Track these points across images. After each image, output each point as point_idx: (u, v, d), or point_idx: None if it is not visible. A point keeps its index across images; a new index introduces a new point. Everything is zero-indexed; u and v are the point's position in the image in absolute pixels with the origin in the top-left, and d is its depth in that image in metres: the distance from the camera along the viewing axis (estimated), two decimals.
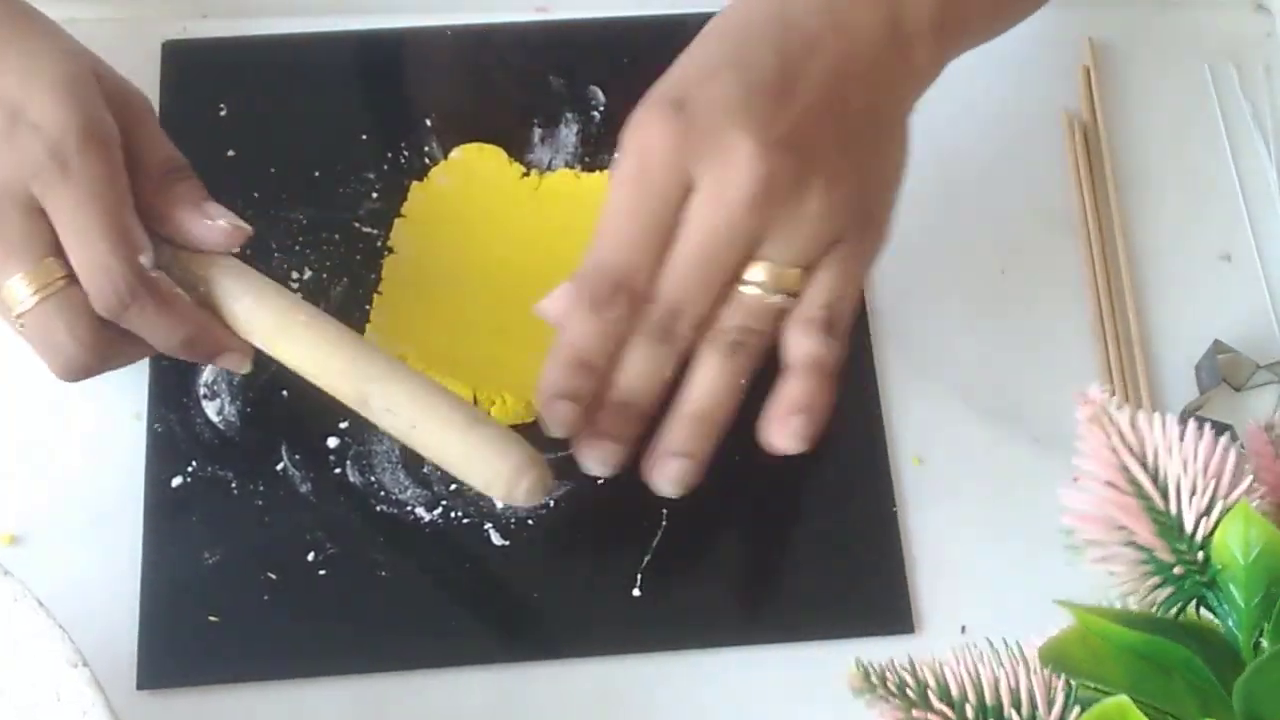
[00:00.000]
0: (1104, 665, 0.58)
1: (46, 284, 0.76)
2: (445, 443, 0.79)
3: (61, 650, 0.72)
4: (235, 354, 0.82)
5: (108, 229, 0.77)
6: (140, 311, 0.78)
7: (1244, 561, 0.57)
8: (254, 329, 0.81)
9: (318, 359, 0.81)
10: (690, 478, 0.79)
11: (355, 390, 0.80)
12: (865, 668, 0.58)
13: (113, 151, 0.78)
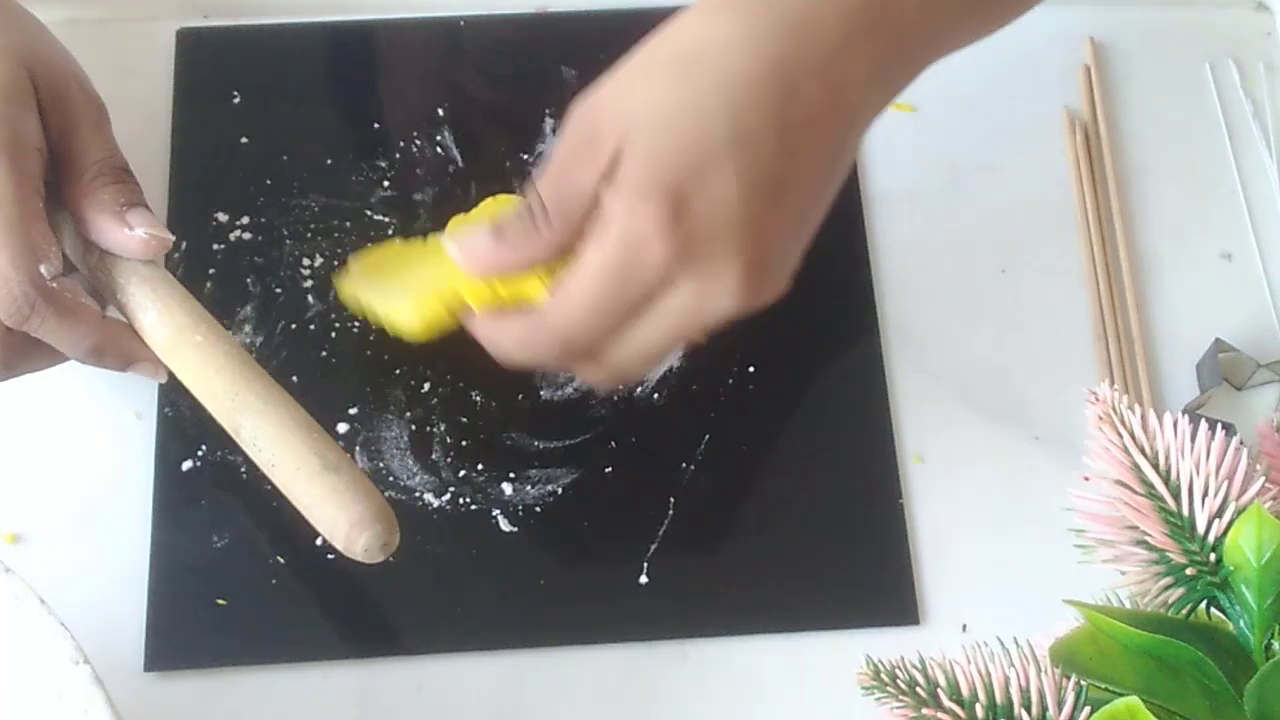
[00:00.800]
0: (1114, 665, 0.59)
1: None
2: (295, 484, 0.77)
3: (63, 648, 0.72)
4: (147, 364, 0.80)
5: (7, 240, 0.75)
6: (42, 322, 0.77)
7: (1256, 563, 0.58)
8: (154, 342, 0.79)
9: (201, 381, 0.79)
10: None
11: (229, 418, 0.78)
12: (875, 665, 0.59)
13: (23, 159, 0.77)
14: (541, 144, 0.98)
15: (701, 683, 0.86)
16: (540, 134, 0.99)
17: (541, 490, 0.89)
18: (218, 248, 0.94)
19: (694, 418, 0.91)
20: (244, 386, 0.78)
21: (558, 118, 0.98)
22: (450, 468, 0.89)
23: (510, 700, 0.85)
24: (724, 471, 0.90)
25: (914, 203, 0.98)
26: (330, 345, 0.92)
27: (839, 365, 0.94)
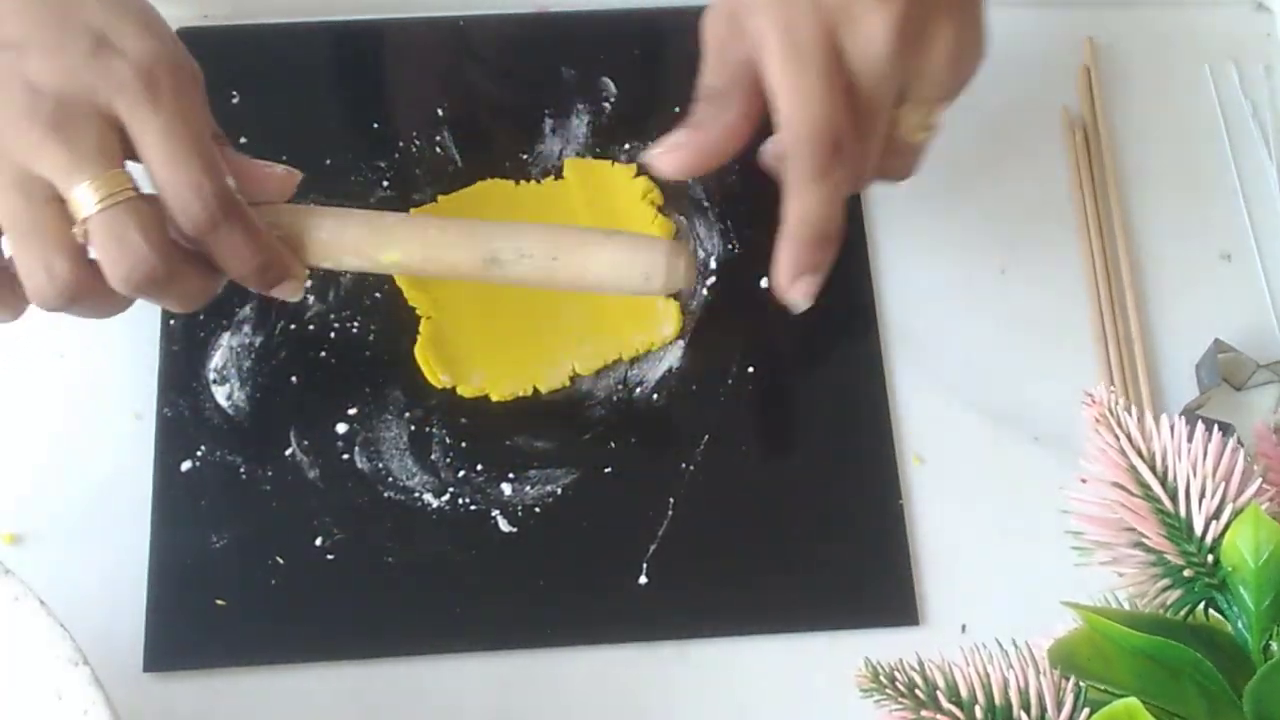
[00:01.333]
0: (1112, 667, 0.59)
1: (115, 191, 0.74)
2: (590, 260, 0.80)
3: (62, 649, 0.72)
4: (295, 281, 0.82)
5: (200, 150, 0.77)
6: (229, 231, 0.78)
7: (1254, 564, 0.58)
8: (346, 248, 0.81)
9: (429, 243, 0.81)
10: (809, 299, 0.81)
11: (481, 252, 0.80)
12: (875, 667, 0.59)
13: (198, 85, 0.80)
14: (541, 144, 0.98)
15: (701, 683, 0.86)
16: (540, 134, 0.99)
17: (541, 490, 0.89)
18: None
19: (694, 418, 0.91)
20: (473, 225, 0.82)
21: (557, 117, 0.99)
22: (449, 468, 0.89)
23: (510, 701, 0.85)
24: (724, 472, 0.90)
25: (914, 203, 0.97)
26: (330, 345, 0.92)
27: (839, 365, 0.94)
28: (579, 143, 0.98)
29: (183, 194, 0.76)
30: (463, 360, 0.91)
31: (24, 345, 0.92)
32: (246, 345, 0.92)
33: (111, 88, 0.75)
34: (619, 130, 0.98)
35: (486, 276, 0.81)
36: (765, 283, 0.94)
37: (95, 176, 0.74)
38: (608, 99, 0.99)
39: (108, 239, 0.75)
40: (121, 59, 0.76)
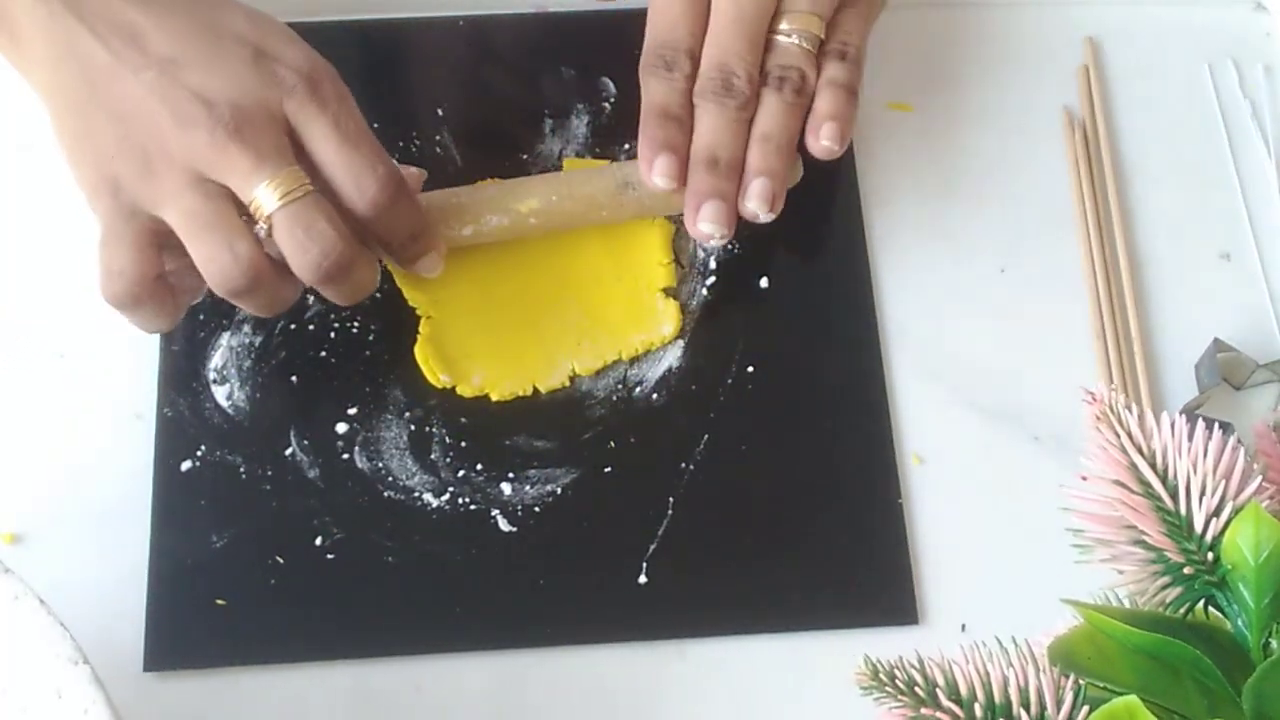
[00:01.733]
0: (1112, 665, 0.59)
1: (294, 187, 0.80)
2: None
3: (62, 648, 0.71)
4: (438, 254, 0.89)
5: (367, 134, 0.84)
6: (402, 205, 0.84)
7: (1254, 562, 0.58)
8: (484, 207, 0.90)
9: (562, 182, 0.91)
10: (772, 195, 0.88)
11: (614, 180, 0.91)
12: (874, 665, 0.59)
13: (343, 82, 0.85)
14: (541, 144, 0.98)
15: (700, 683, 0.86)
16: (540, 134, 0.99)
17: (540, 490, 0.89)
18: None
19: (693, 418, 0.91)
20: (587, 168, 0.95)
21: (557, 118, 0.99)
22: (449, 468, 0.89)
23: (509, 700, 0.85)
24: (723, 471, 0.90)
25: (913, 203, 0.98)
26: (330, 345, 0.92)
27: (838, 365, 0.94)
28: (579, 143, 0.98)
29: (361, 175, 0.82)
30: (462, 360, 0.91)
31: (25, 345, 0.92)
32: (246, 345, 0.92)
33: (281, 92, 0.81)
34: (619, 130, 0.98)
35: (620, 201, 0.91)
36: (766, 283, 0.94)
37: (274, 175, 0.79)
38: (608, 99, 0.99)
39: (295, 229, 0.80)
40: (283, 65, 0.82)
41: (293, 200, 0.79)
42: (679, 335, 0.93)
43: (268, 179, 0.79)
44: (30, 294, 0.94)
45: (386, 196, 0.82)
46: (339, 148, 0.82)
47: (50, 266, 0.94)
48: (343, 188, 0.82)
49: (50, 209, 0.95)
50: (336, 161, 0.82)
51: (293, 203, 0.79)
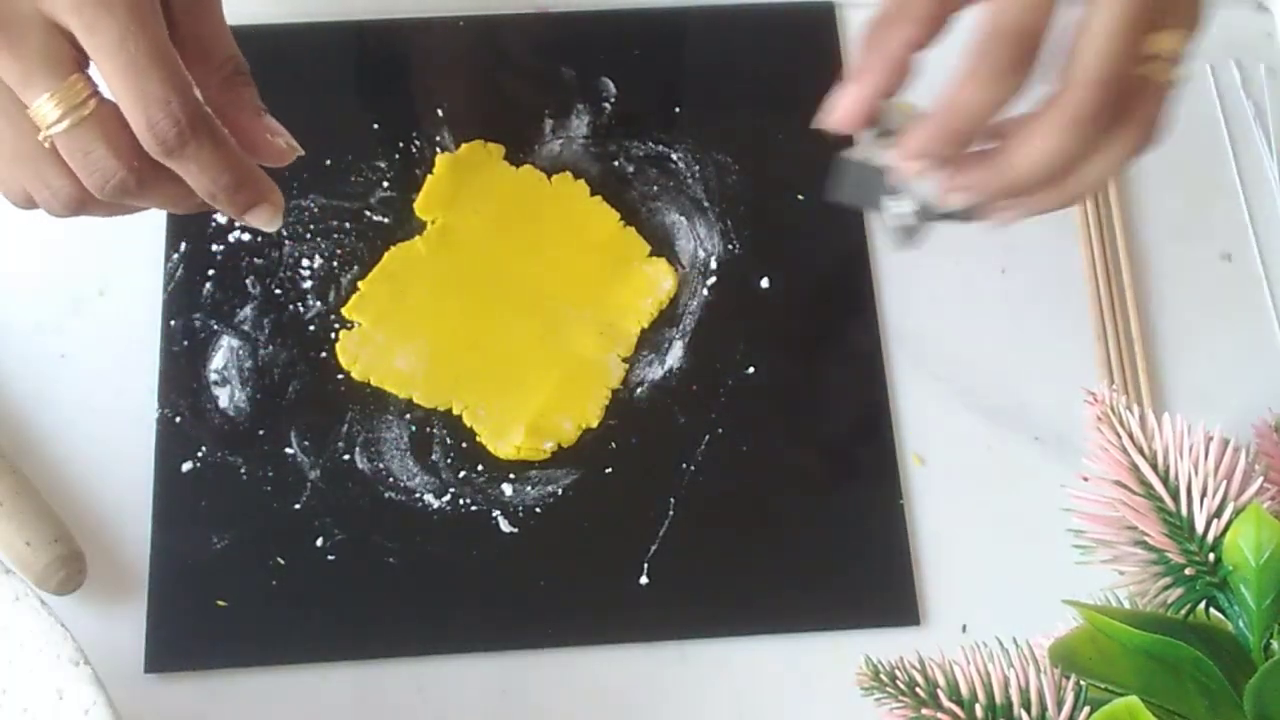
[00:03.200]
0: (1113, 665, 0.59)
1: (76, 104, 0.70)
2: None
3: (63, 648, 0.72)
4: (269, 207, 0.77)
5: (163, 60, 0.70)
6: (199, 149, 0.72)
7: (1255, 563, 0.58)
8: None
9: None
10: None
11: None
12: (875, 666, 0.59)
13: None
14: (541, 144, 0.98)
15: (701, 683, 0.86)
16: (540, 134, 0.99)
17: (541, 491, 0.89)
18: (218, 248, 0.94)
19: (694, 418, 0.91)
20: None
21: (557, 118, 0.99)
22: (450, 469, 0.89)
23: (510, 701, 0.85)
24: (724, 472, 0.90)
25: None
26: (330, 346, 0.92)
27: (839, 365, 0.94)
28: (579, 143, 0.98)
29: (144, 109, 0.70)
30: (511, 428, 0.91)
31: (26, 346, 0.92)
32: (247, 346, 0.91)
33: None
34: (619, 130, 0.98)
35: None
36: (766, 283, 0.94)
37: (52, 89, 0.69)
38: (608, 99, 0.99)
39: (73, 155, 0.71)
40: None
41: (72, 121, 0.70)
42: (679, 331, 0.93)
43: (45, 93, 0.69)
44: (32, 295, 0.94)
45: (176, 139, 0.71)
46: (123, 72, 0.70)
47: (51, 267, 0.94)
48: (130, 121, 0.71)
49: None
50: (120, 90, 0.70)
51: (72, 126, 0.70)
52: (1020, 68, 0.67)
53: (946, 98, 0.69)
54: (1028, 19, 0.67)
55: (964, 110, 0.69)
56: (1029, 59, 0.67)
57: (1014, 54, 0.67)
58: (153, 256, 0.94)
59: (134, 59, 0.69)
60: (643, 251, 0.95)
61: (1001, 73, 0.67)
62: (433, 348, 0.91)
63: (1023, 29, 0.67)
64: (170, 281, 0.93)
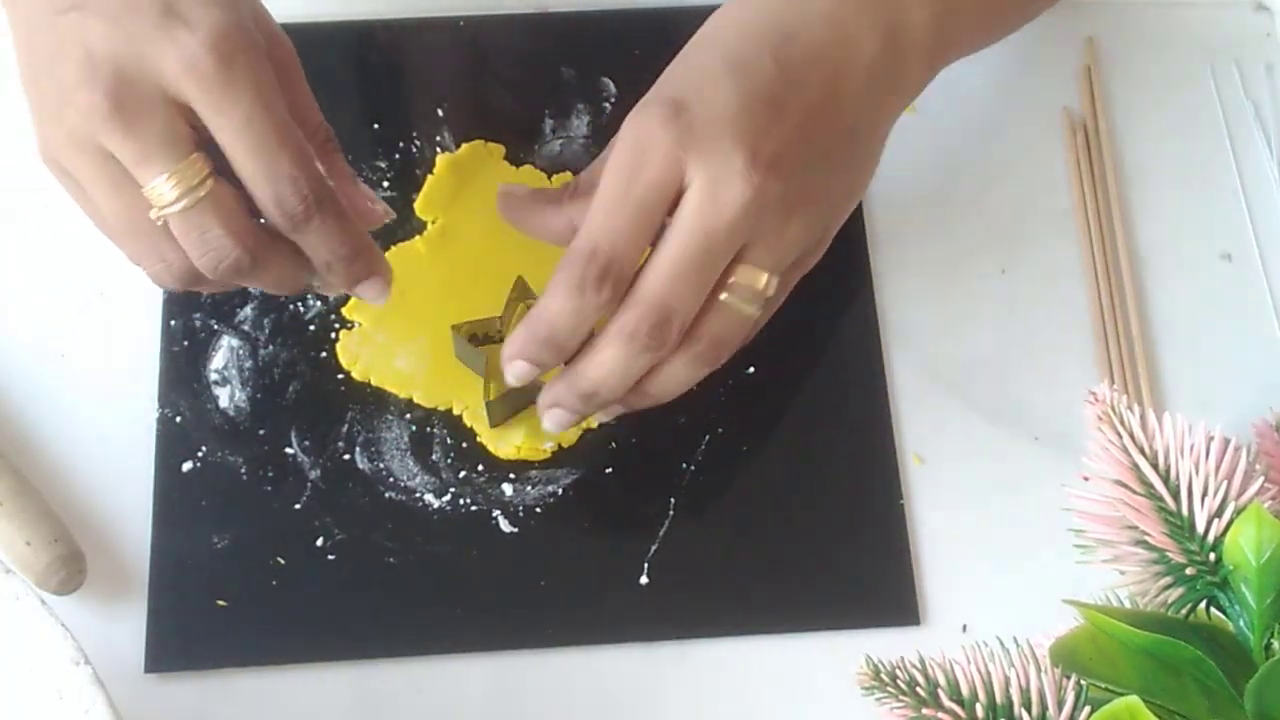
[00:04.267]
0: (1114, 665, 0.59)
1: (193, 185, 0.71)
2: None
3: (63, 648, 0.72)
4: (380, 280, 0.81)
5: (288, 136, 0.73)
6: (322, 221, 0.75)
7: (1256, 563, 0.58)
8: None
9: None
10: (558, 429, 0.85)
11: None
12: (875, 665, 0.59)
13: (269, 63, 0.74)
14: (541, 144, 0.98)
15: (701, 683, 0.86)
16: (540, 134, 0.99)
17: (542, 491, 0.89)
18: None
19: (694, 418, 0.91)
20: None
21: (557, 118, 0.99)
22: (450, 468, 0.89)
23: (510, 701, 0.85)
24: (724, 472, 0.90)
25: (914, 203, 0.98)
26: (330, 345, 0.92)
27: (839, 365, 0.94)
28: (579, 143, 0.98)
29: (274, 188, 0.73)
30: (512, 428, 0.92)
31: (26, 346, 0.92)
32: (247, 346, 0.92)
33: (179, 66, 0.71)
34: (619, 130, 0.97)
35: None
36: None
37: (168, 170, 0.71)
38: (608, 99, 0.99)
39: (188, 234, 0.73)
40: (191, 30, 0.71)
41: (187, 205, 0.72)
42: None
43: (163, 174, 0.71)
44: (32, 294, 0.94)
45: (303, 215, 0.74)
46: (252, 152, 0.73)
47: (51, 266, 0.94)
48: (256, 198, 0.74)
49: (51, 208, 0.95)
50: (248, 168, 0.73)
51: (188, 207, 0.72)
52: (597, 285, 0.76)
53: (534, 309, 0.79)
54: (603, 243, 0.75)
55: (545, 320, 0.78)
56: (605, 277, 0.76)
57: (590, 272, 0.76)
58: None
59: (262, 137, 0.72)
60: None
61: (577, 288, 0.76)
62: (433, 347, 0.91)
63: (595, 250, 0.75)
64: None
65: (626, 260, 0.76)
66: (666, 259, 0.76)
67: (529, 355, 0.80)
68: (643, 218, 0.76)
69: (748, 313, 0.80)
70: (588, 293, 0.76)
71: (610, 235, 0.76)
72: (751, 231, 0.76)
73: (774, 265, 0.79)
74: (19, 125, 0.95)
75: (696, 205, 0.75)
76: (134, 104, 0.70)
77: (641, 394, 0.82)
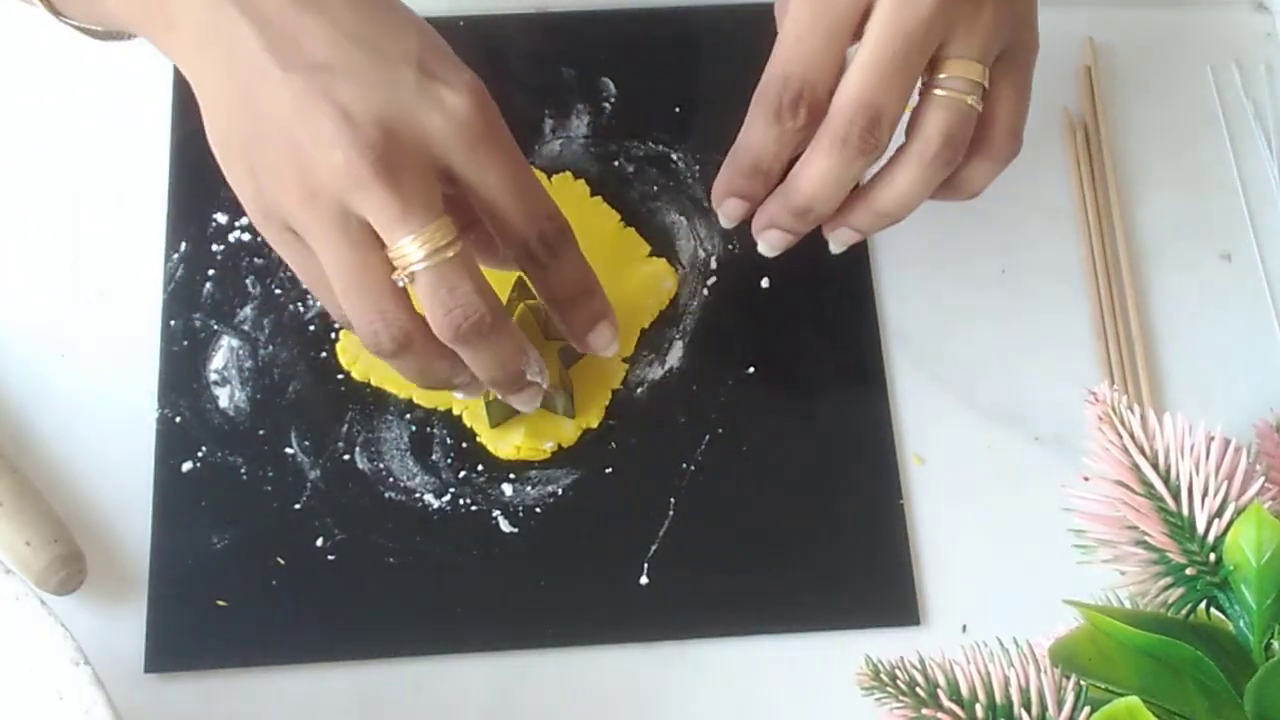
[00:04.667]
0: (1114, 665, 0.59)
1: (441, 245, 0.71)
2: None
3: (63, 649, 0.72)
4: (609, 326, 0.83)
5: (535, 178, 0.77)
6: (570, 249, 0.79)
7: (1256, 563, 0.58)
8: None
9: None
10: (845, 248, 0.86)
11: None
12: (875, 665, 0.59)
13: None
14: (541, 144, 0.98)
15: (701, 683, 0.86)
16: (540, 134, 0.99)
17: (541, 491, 0.89)
18: (218, 248, 0.94)
19: (694, 419, 0.91)
20: None
21: (557, 117, 0.99)
22: (450, 469, 0.89)
23: (510, 701, 0.85)
24: (724, 472, 0.90)
25: None
26: (329, 346, 0.92)
27: (839, 366, 0.94)
28: (579, 143, 0.98)
29: (537, 226, 0.76)
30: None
31: (26, 346, 0.92)
32: (247, 347, 0.92)
33: (450, 129, 0.72)
34: (619, 130, 0.98)
35: None
36: (766, 283, 0.94)
37: (422, 228, 0.71)
38: (608, 99, 0.99)
39: (436, 291, 0.73)
40: (454, 92, 0.73)
41: (443, 259, 0.72)
42: (680, 331, 0.93)
43: (414, 232, 0.71)
44: (31, 294, 0.94)
45: (558, 236, 0.77)
46: (516, 199, 0.75)
47: (52, 266, 0.95)
48: (517, 242, 0.76)
49: (52, 207, 0.95)
50: (511, 214, 0.75)
51: (441, 263, 0.72)
52: (794, 109, 0.78)
53: (736, 145, 0.81)
54: (795, 67, 0.77)
55: (747, 151, 0.80)
56: (800, 101, 0.78)
57: (786, 97, 0.78)
58: (153, 257, 0.94)
59: (522, 185, 0.75)
60: (643, 251, 0.95)
61: (774, 114, 0.78)
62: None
63: (788, 76, 0.77)
64: (170, 281, 0.93)
65: (820, 83, 0.78)
66: (867, 61, 0.77)
67: (736, 189, 0.82)
68: (833, 40, 0.77)
69: (968, 104, 0.79)
70: (785, 117, 0.78)
71: (802, 60, 0.78)
72: (947, 26, 0.77)
73: (979, 54, 0.78)
74: (19, 124, 0.95)
75: (888, 9, 0.76)
76: (399, 164, 0.71)
77: (876, 211, 0.82)
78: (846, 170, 0.79)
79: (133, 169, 0.95)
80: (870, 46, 0.76)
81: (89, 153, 0.98)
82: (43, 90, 0.98)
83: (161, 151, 0.97)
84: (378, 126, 0.70)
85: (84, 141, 0.98)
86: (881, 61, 0.76)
